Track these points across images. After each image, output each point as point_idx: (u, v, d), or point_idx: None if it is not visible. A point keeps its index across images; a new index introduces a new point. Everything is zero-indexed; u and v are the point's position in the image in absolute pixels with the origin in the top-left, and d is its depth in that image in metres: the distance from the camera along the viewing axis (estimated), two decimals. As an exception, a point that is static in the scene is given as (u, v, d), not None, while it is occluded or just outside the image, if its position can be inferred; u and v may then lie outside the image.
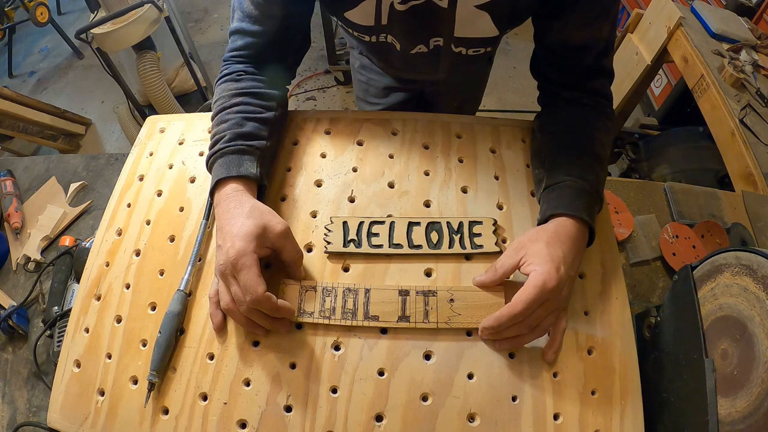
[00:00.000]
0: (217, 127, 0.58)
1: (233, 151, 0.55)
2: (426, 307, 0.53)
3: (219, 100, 0.60)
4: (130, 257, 0.58)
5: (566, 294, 0.51)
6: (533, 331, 0.50)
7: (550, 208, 0.55)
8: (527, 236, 0.54)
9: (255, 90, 0.60)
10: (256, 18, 0.60)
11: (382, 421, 0.48)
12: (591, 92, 0.62)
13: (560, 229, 0.53)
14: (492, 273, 0.53)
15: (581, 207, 0.54)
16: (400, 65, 0.79)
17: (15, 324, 0.68)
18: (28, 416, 0.62)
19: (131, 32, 1.64)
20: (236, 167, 0.54)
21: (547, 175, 0.58)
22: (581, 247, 0.53)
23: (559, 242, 0.51)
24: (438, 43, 0.67)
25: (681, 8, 1.39)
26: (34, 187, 0.87)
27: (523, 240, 0.53)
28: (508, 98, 2.36)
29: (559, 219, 0.54)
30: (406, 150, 0.65)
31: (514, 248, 0.53)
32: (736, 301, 0.47)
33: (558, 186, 0.56)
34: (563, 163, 0.57)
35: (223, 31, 2.76)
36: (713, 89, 1.19)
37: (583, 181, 0.55)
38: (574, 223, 0.53)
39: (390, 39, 0.67)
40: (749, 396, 0.42)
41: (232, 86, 0.60)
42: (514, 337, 0.50)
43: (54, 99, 2.30)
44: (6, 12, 2.50)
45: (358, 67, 1.01)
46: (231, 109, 0.58)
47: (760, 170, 1.01)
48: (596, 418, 0.49)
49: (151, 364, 0.49)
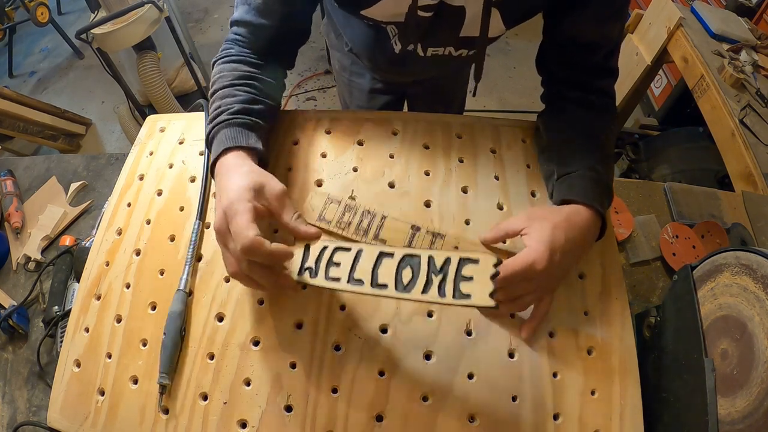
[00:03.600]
0: (223, 100, 0.56)
1: (241, 124, 0.54)
2: (432, 245, 0.55)
3: (225, 77, 0.59)
4: (130, 257, 0.58)
5: (556, 279, 0.51)
6: (513, 302, 0.50)
7: (563, 193, 0.55)
8: (541, 210, 0.54)
9: (261, 77, 0.60)
10: (262, 11, 0.59)
11: (382, 421, 0.48)
12: (597, 91, 0.62)
13: (573, 216, 0.52)
14: (496, 231, 0.54)
15: (595, 196, 0.54)
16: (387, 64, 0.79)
17: (15, 323, 0.68)
18: (28, 416, 0.62)
19: (131, 32, 1.64)
20: (244, 139, 0.53)
21: (557, 167, 0.58)
22: (590, 237, 0.53)
23: (568, 228, 0.51)
24: (437, 52, 0.67)
25: (681, 8, 1.39)
26: (35, 187, 0.87)
27: (536, 211, 0.53)
28: (508, 98, 2.36)
29: (575, 206, 0.53)
30: (406, 150, 0.65)
31: (527, 215, 0.53)
32: (736, 300, 0.47)
33: (572, 175, 0.56)
34: (575, 155, 0.57)
35: (224, 31, 2.75)
36: (713, 89, 1.19)
37: (595, 172, 0.55)
38: (588, 212, 0.53)
39: (391, 28, 0.66)
40: (749, 396, 0.42)
41: (241, 67, 0.59)
42: None
43: (54, 99, 2.30)
44: (6, 12, 2.50)
45: (339, 68, 1.00)
46: (240, 87, 0.57)
47: (760, 170, 1.02)
48: (596, 418, 0.49)
49: (159, 366, 0.49)
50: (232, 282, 0.55)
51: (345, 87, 1.02)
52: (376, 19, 0.62)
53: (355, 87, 0.99)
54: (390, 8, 0.59)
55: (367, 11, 0.60)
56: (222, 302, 0.54)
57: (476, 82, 0.68)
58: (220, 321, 0.53)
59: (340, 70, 1.01)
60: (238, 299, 0.54)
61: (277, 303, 0.53)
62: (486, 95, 2.37)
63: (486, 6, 0.57)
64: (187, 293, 0.53)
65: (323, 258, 0.46)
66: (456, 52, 0.68)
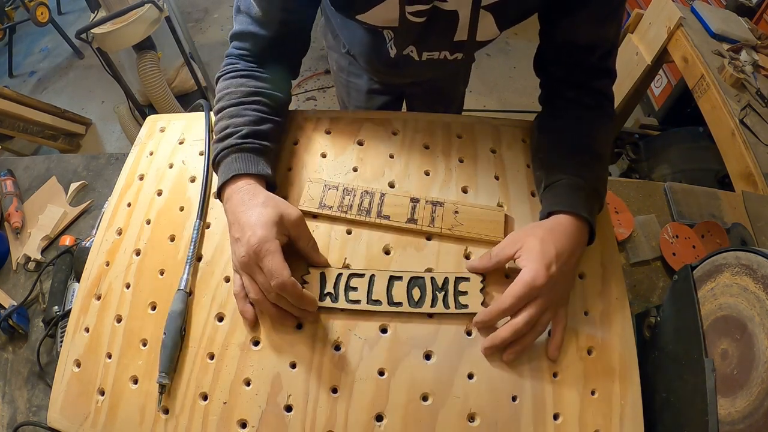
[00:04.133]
0: (231, 120, 0.57)
1: (251, 149, 0.55)
2: (433, 214, 0.58)
3: (231, 94, 0.59)
4: (130, 257, 0.58)
5: (561, 290, 0.52)
6: (533, 330, 0.50)
7: (549, 205, 0.55)
8: (524, 230, 0.54)
9: (268, 92, 0.60)
10: (263, 22, 0.59)
11: (382, 421, 0.48)
12: (594, 92, 0.62)
13: (557, 226, 0.53)
14: (486, 259, 0.53)
15: (578, 203, 0.54)
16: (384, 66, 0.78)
17: (15, 323, 0.68)
18: (28, 416, 0.62)
19: (131, 32, 1.64)
20: (254, 166, 0.54)
21: (545, 175, 0.58)
22: (579, 243, 0.53)
23: (554, 239, 0.51)
24: (432, 56, 0.67)
25: (681, 8, 1.39)
26: (35, 187, 0.87)
27: (519, 233, 0.54)
28: (508, 98, 2.36)
29: (557, 216, 0.54)
30: (406, 150, 0.65)
31: (511, 240, 0.53)
32: (736, 300, 0.47)
33: (555, 184, 0.56)
34: (561, 161, 0.58)
35: (224, 31, 2.76)
36: (713, 89, 1.19)
37: (579, 179, 0.56)
38: (571, 219, 0.53)
39: (387, 32, 0.66)
40: (749, 396, 0.42)
41: (248, 83, 0.60)
42: (517, 340, 0.50)
43: (54, 99, 2.30)
44: (6, 12, 2.50)
45: (337, 69, 1.00)
46: (249, 106, 0.58)
47: (760, 170, 1.01)
48: (596, 418, 0.49)
49: (159, 366, 0.49)
50: (232, 282, 0.55)
51: (343, 87, 1.02)
52: (371, 23, 0.62)
53: (353, 87, 0.99)
54: (383, 14, 0.59)
55: (361, 16, 0.61)
56: (222, 302, 0.54)
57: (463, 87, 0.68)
58: (220, 321, 0.53)
59: (338, 71, 1.00)
60: (238, 299, 0.54)
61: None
62: (486, 95, 2.37)
63: (474, 9, 0.57)
64: (187, 293, 0.53)
65: (341, 283, 0.53)
66: (451, 56, 0.68)
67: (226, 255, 0.56)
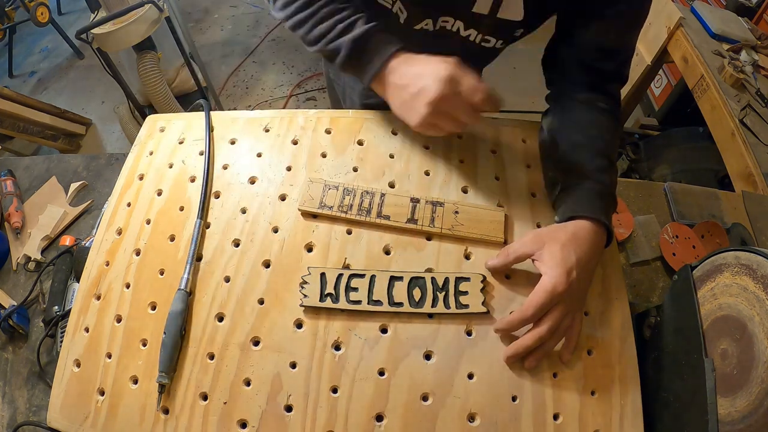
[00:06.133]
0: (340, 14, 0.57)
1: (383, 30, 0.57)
2: (433, 214, 0.58)
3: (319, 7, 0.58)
4: (130, 256, 0.58)
5: (579, 296, 0.52)
6: (555, 335, 0.50)
7: (569, 210, 0.55)
8: (547, 231, 0.54)
9: None
10: None
11: (382, 421, 0.48)
12: (608, 96, 0.62)
13: (579, 231, 0.53)
14: (504, 257, 0.53)
15: (600, 209, 0.54)
16: None
17: (15, 323, 0.68)
18: (28, 416, 0.62)
19: (132, 32, 1.64)
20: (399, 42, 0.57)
21: (563, 176, 0.58)
22: (598, 249, 0.54)
23: (576, 245, 0.51)
24: (446, 24, 0.64)
25: (681, 8, 1.39)
26: (35, 187, 0.87)
27: (542, 234, 0.54)
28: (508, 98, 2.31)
29: (579, 221, 0.54)
30: (406, 150, 0.65)
31: (532, 239, 0.53)
32: (736, 300, 0.47)
33: (576, 188, 0.56)
34: (579, 164, 0.57)
35: (224, 31, 2.76)
36: (713, 89, 1.19)
37: (600, 184, 0.55)
38: (593, 225, 0.53)
39: (397, 7, 0.64)
40: (749, 396, 0.42)
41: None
42: (539, 347, 0.50)
43: (54, 99, 2.30)
44: (6, 12, 2.50)
45: (334, 77, 0.98)
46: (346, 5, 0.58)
47: (760, 170, 1.02)
48: (596, 418, 0.49)
49: (159, 366, 0.49)
50: (232, 282, 0.55)
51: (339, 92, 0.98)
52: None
53: (349, 91, 0.96)
54: None
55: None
56: (222, 302, 0.54)
57: None
58: (220, 321, 0.53)
59: (335, 78, 0.98)
60: (238, 299, 0.54)
61: (278, 302, 0.54)
62: (486, 95, 2.36)
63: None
64: (187, 293, 0.53)
65: (341, 284, 0.53)
66: (465, 31, 0.65)
67: (226, 255, 0.56)
